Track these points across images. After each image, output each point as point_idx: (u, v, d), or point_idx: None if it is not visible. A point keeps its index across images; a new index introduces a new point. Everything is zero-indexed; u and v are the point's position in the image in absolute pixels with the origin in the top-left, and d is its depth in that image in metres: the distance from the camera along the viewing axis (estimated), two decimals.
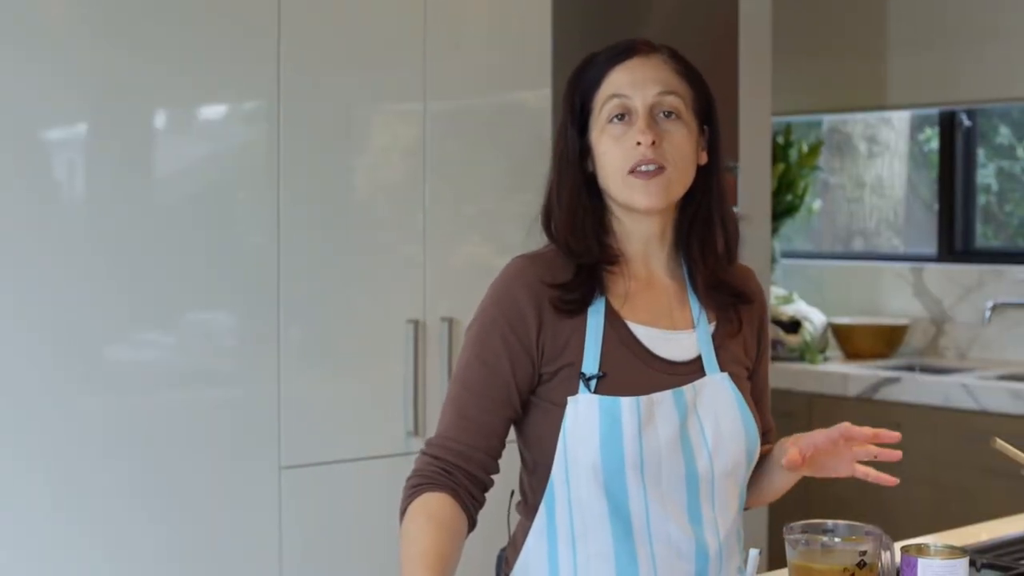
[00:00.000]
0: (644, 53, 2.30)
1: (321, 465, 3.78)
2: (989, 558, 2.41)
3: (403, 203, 3.94)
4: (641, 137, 2.23)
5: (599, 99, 2.28)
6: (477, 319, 2.33)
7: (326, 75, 3.78)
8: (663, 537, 2.24)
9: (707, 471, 2.26)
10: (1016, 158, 6.09)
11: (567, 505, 2.26)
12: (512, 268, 2.35)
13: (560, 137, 2.32)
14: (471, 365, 2.29)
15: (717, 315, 2.35)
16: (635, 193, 2.25)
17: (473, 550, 3.72)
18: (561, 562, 2.28)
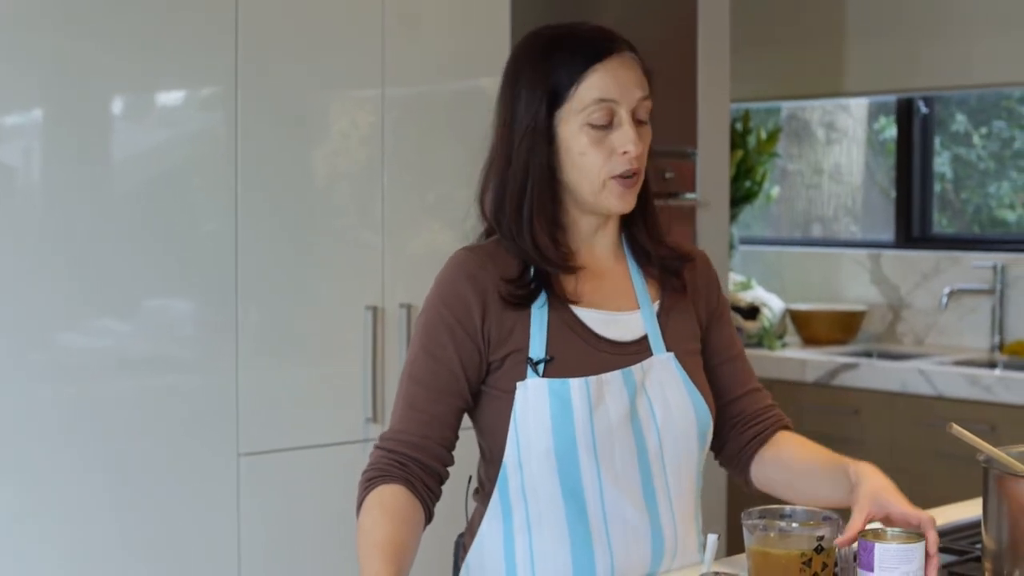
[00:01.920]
0: (619, 51, 2.26)
1: (279, 452, 3.77)
2: (945, 542, 2.42)
3: (361, 190, 3.93)
4: (631, 147, 2.22)
5: (579, 97, 2.22)
6: (423, 313, 2.34)
7: (284, 61, 3.77)
8: (618, 519, 2.25)
9: (656, 449, 2.27)
10: (972, 145, 6.12)
11: (521, 491, 2.26)
12: (454, 260, 2.35)
13: (524, 127, 2.25)
14: (419, 358, 2.29)
15: (661, 292, 2.37)
16: (612, 198, 2.25)
17: (431, 536, 3.73)
18: (517, 547, 2.29)
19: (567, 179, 2.26)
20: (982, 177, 6.10)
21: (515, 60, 2.31)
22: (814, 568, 1.91)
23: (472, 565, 2.36)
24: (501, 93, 2.31)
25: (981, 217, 6.11)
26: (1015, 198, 6.02)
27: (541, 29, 2.32)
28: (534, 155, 2.24)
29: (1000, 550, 2.10)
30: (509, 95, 2.29)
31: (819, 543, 1.91)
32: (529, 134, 2.24)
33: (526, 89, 2.25)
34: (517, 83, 2.27)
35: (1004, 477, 2.10)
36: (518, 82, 2.27)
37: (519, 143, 2.25)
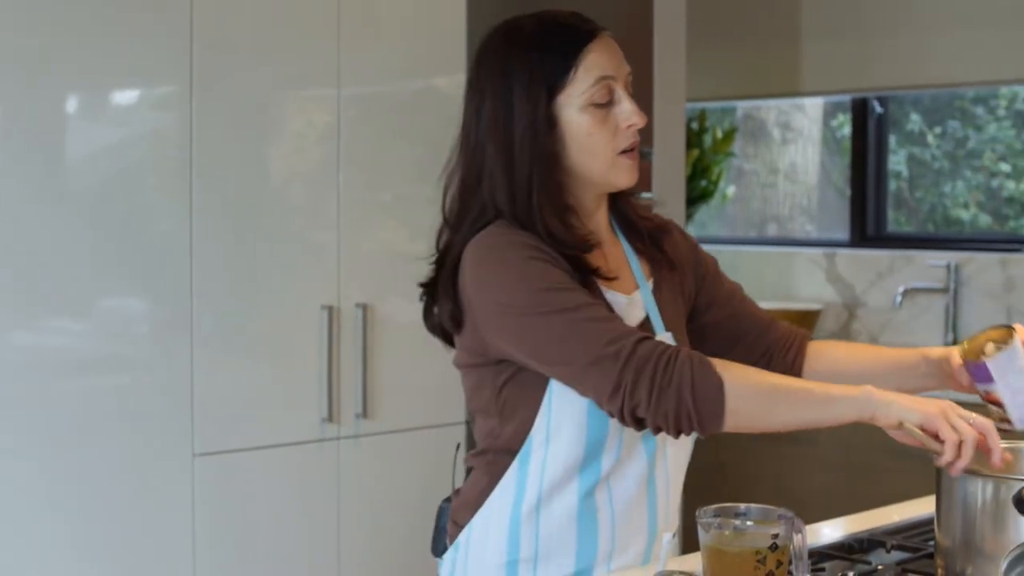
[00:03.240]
0: (601, 30, 2.29)
1: (235, 452, 3.76)
2: (899, 539, 2.43)
3: (317, 189, 3.92)
4: (636, 119, 2.25)
5: (579, 79, 2.23)
6: (519, 279, 2.18)
7: (239, 61, 3.75)
8: (623, 501, 2.29)
9: (662, 435, 2.28)
10: (927, 145, 6.16)
11: (541, 465, 2.25)
12: (509, 231, 2.24)
13: (526, 119, 2.23)
14: (555, 288, 2.16)
15: (652, 269, 2.40)
16: (622, 173, 2.28)
17: (409, 499, 3.73)
18: (524, 521, 2.28)
19: (573, 162, 2.27)
20: (936, 176, 6.14)
21: (497, 54, 2.29)
22: (768, 566, 1.92)
23: (475, 528, 2.33)
24: (484, 89, 2.29)
25: (936, 216, 6.15)
26: (969, 197, 6.06)
27: (514, 20, 2.32)
28: (538, 145, 2.23)
29: (953, 547, 2.11)
30: (498, 89, 2.26)
31: (774, 541, 1.92)
32: (531, 126, 2.23)
33: (519, 82, 2.24)
34: (506, 77, 2.25)
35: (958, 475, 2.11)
36: (508, 76, 2.25)
37: (521, 137, 2.23)
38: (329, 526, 3.96)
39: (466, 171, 2.32)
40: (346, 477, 3.98)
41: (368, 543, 4.05)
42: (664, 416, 2.05)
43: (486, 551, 2.32)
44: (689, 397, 2.04)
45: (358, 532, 4.03)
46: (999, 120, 5.97)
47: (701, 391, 2.04)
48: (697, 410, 2.04)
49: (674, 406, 2.04)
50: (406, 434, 4.12)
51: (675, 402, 2.04)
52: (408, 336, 4.13)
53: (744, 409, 2.06)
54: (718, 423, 2.06)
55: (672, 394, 2.04)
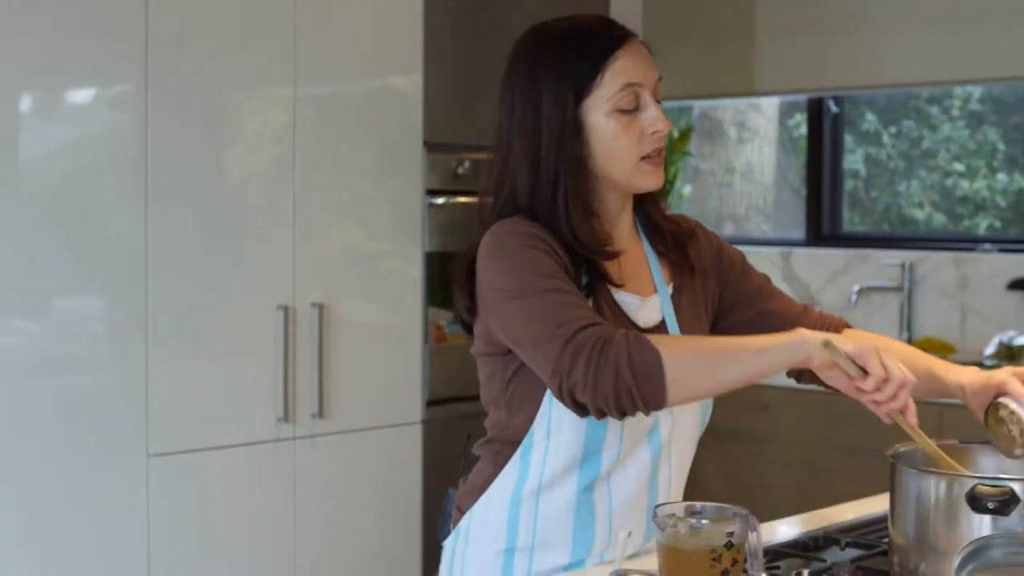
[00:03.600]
0: (631, 37, 2.32)
1: (190, 453, 3.75)
2: (854, 537, 2.44)
3: (273, 189, 3.91)
4: (661, 125, 2.29)
5: (606, 84, 2.26)
6: (511, 264, 2.21)
7: (195, 59, 3.74)
8: (622, 499, 2.31)
9: (668, 434, 2.33)
10: (882, 144, 6.19)
11: (543, 457, 2.28)
12: (519, 221, 2.27)
13: (554, 122, 2.26)
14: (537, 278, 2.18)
15: (673, 274, 2.42)
16: (646, 177, 2.32)
17: (367, 500, 3.72)
18: (523, 510, 2.31)
19: (598, 165, 2.30)
20: (892, 176, 6.17)
21: (528, 57, 2.32)
22: (724, 564, 1.92)
23: (476, 515, 2.35)
24: (514, 90, 2.32)
25: (891, 215, 6.18)
26: (924, 197, 6.09)
27: (544, 25, 2.35)
28: (565, 148, 2.27)
29: (907, 544, 2.12)
30: (527, 92, 2.30)
31: (729, 539, 1.92)
32: (559, 129, 2.27)
33: (548, 85, 2.27)
34: (536, 79, 2.29)
35: (909, 472, 2.12)
36: (538, 78, 2.29)
37: (548, 138, 2.27)
38: (285, 526, 3.95)
39: (496, 169, 2.36)
40: (302, 477, 3.97)
41: (324, 543, 4.05)
42: (604, 396, 2.05)
43: (485, 537, 2.34)
44: (627, 372, 2.03)
45: (314, 532, 4.02)
46: (953, 120, 6.01)
47: (639, 365, 2.04)
48: (638, 386, 2.04)
49: (612, 384, 2.04)
50: (362, 434, 4.12)
51: (613, 379, 2.04)
52: (364, 336, 4.13)
53: (685, 376, 2.06)
54: (660, 396, 2.05)
55: (609, 372, 2.04)
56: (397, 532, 4.23)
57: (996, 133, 5.89)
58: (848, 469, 4.93)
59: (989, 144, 5.91)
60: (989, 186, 5.89)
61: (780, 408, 5.23)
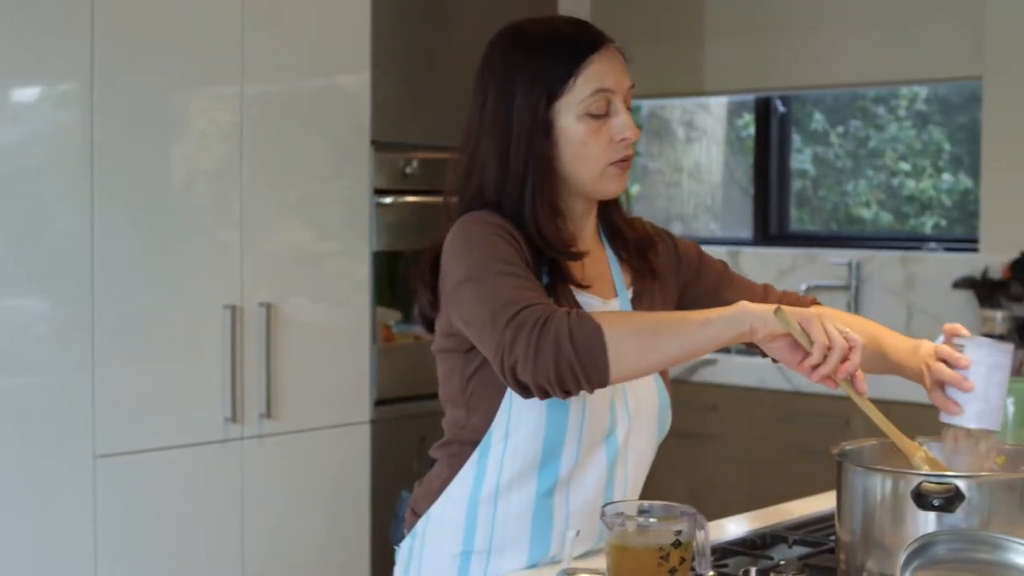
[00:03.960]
0: (607, 43, 2.33)
1: (137, 453, 3.73)
2: (801, 534, 2.45)
3: (220, 188, 3.90)
4: (629, 132, 2.29)
5: (578, 88, 2.26)
6: (471, 250, 2.20)
7: (141, 58, 3.72)
8: (580, 500, 2.31)
9: (624, 436, 2.33)
10: (830, 144, 6.22)
11: (500, 460, 2.28)
12: (487, 214, 2.27)
13: (525, 122, 2.27)
14: (494, 263, 2.17)
15: (634, 278, 2.43)
16: (611, 182, 2.32)
17: (315, 500, 3.71)
18: (481, 512, 2.30)
19: (565, 168, 2.30)
20: (839, 175, 6.20)
21: (502, 56, 2.32)
22: (672, 562, 1.92)
23: (432, 518, 2.34)
24: (488, 87, 2.32)
25: (838, 215, 6.21)
26: (871, 196, 6.13)
27: (520, 25, 2.35)
28: (534, 147, 2.27)
29: (853, 541, 2.13)
30: (500, 90, 2.29)
31: (677, 537, 1.92)
32: (529, 128, 2.27)
33: (521, 84, 2.28)
34: (509, 79, 2.29)
35: (856, 470, 2.13)
36: (511, 78, 2.29)
37: (518, 137, 2.27)
38: (233, 527, 3.94)
39: (464, 165, 2.35)
40: (250, 477, 3.95)
41: (272, 544, 4.03)
42: (545, 373, 2.02)
43: (442, 540, 2.34)
44: (569, 348, 2.01)
45: (262, 533, 4.00)
46: (899, 120, 6.05)
47: (580, 341, 2.01)
48: (580, 361, 2.01)
49: (553, 361, 2.01)
50: (310, 434, 4.11)
51: (554, 356, 2.01)
52: (312, 336, 4.12)
53: (627, 351, 2.03)
54: (603, 371, 2.02)
55: (550, 348, 2.01)
56: (346, 533, 4.22)
57: (942, 133, 5.93)
58: (795, 467, 4.95)
59: (935, 144, 5.95)
60: (935, 186, 5.93)
61: (728, 408, 5.24)
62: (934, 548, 1.84)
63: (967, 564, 1.86)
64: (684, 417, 5.17)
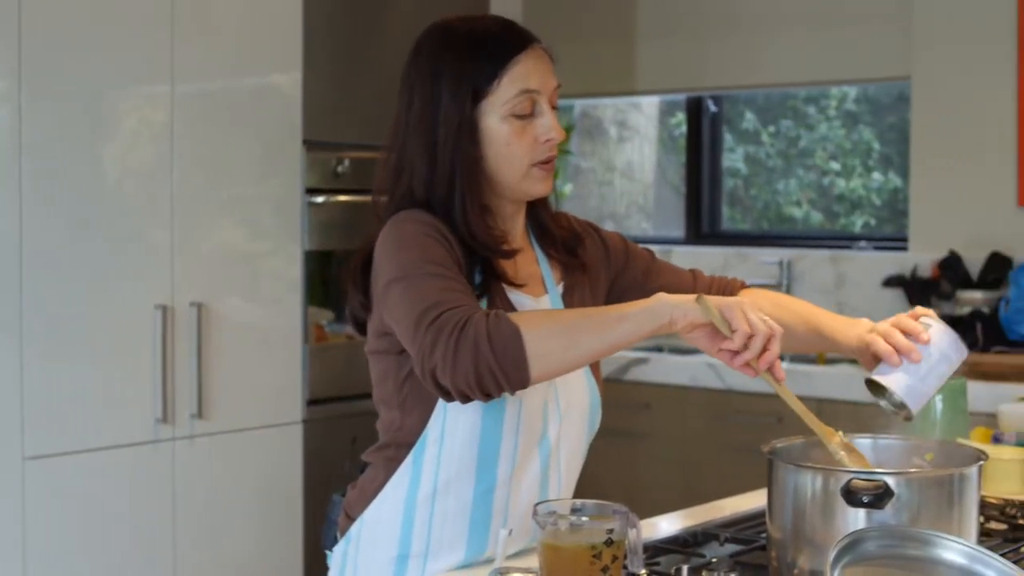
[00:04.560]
0: (533, 43, 2.33)
1: (67, 455, 3.70)
2: (733, 532, 2.46)
3: (151, 187, 3.87)
4: (554, 133, 2.30)
5: (503, 89, 2.27)
6: (402, 250, 2.19)
7: (70, 56, 3.69)
8: (517, 500, 2.32)
9: (556, 436, 2.34)
10: (761, 143, 6.25)
11: (436, 461, 2.27)
12: (419, 213, 2.26)
13: (452, 122, 2.26)
14: (422, 263, 2.16)
15: (564, 273, 2.44)
16: (536, 183, 2.33)
17: (247, 501, 3.69)
18: (418, 514, 2.30)
19: (490, 168, 2.30)
20: (770, 175, 6.24)
21: (428, 55, 2.31)
22: (604, 561, 1.93)
23: (367, 521, 2.33)
24: (414, 86, 2.31)
25: (769, 214, 6.24)
26: (801, 195, 6.17)
27: (447, 23, 2.34)
28: (461, 148, 2.27)
29: (784, 539, 2.14)
30: (426, 90, 2.29)
31: (609, 536, 1.93)
32: (455, 129, 2.27)
33: (447, 84, 2.27)
34: (435, 78, 2.29)
35: (786, 467, 2.15)
36: (437, 77, 2.28)
37: (444, 137, 2.27)
38: (164, 528, 3.91)
39: (393, 163, 2.34)
40: (181, 478, 3.93)
41: (205, 545, 4.01)
42: (464, 377, 2.02)
43: (377, 544, 2.33)
44: (487, 351, 2.01)
45: (194, 533, 3.98)
46: (830, 120, 6.09)
47: (498, 343, 2.01)
48: (499, 363, 2.01)
49: (472, 364, 2.01)
50: (242, 434, 4.09)
51: (472, 359, 2.01)
52: (244, 335, 4.10)
53: (547, 350, 2.03)
54: (523, 373, 2.02)
55: (468, 352, 2.01)
56: (279, 534, 4.20)
57: (871, 133, 5.98)
58: (727, 465, 4.98)
59: (864, 144, 5.99)
60: (865, 185, 5.98)
61: (661, 407, 5.26)
62: (864, 544, 1.86)
63: (896, 560, 1.88)
64: (617, 416, 5.20)
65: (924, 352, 2.26)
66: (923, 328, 2.29)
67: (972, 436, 3.13)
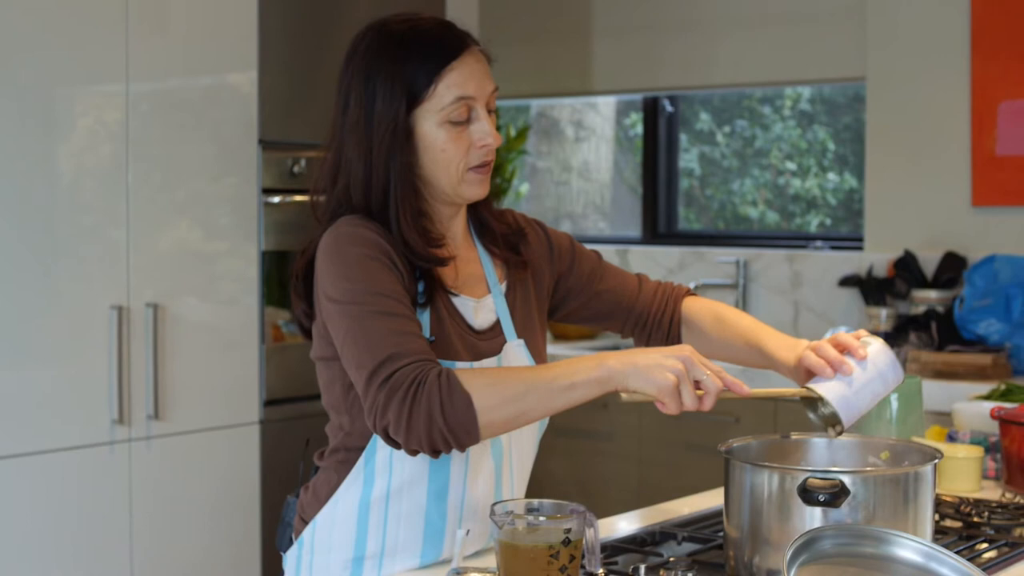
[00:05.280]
0: (470, 47, 2.30)
1: (20, 457, 3.67)
2: (690, 531, 2.47)
3: (106, 187, 3.85)
4: (490, 139, 2.29)
5: (438, 96, 2.25)
6: (347, 279, 2.19)
7: (23, 54, 3.67)
8: (472, 499, 2.32)
9: (508, 440, 2.36)
10: (716, 144, 6.27)
11: (388, 462, 2.27)
12: (356, 221, 2.26)
13: (384, 127, 2.25)
14: (370, 296, 2.17)
15: (507, 271, 2.44)
16: (472, 187, 2.31)
17: (205, 502, 3.68)
18: (372, 516, 2.30)
19: (426, 173, 2.29)
20: (726, 175, 6.26)
21: (364, 56, 2.29)
22: (562, 560, 1.93)
23: (320, 525, 2.32)
24: (349, 88, 2.30)
25: (725, 213, 6.27)
26: (757, 195, 6.19)
27: (384, 23, 2.32)
28: (395, 153, 2.26)
29: (741, 537, 2.15)
30: (361, 92, 2.27)
31: (566, 535, 1.93)
32: (390, 133, 2.25)
33: (382, 88, 2.26)
34: (370, 80, 2.27)
35: (743, 466, 2.16)
36: (372, 80, 2.27)
37: (379, 141, 2.26)
38: (121, 529, 3.90)
39: (330, 166, 2.33)
40: (138, 479, 3.91)
41: (161, 546, 4.00)
42: (417, 440, 2.08)
43: (331, 547, 2.33)
44: (440, 420, 2.06)
45: (151, 535, 3.96)
46: (784, 120, 6.11)
47: (452, 415, 2.06)
48: (451, 431, 2.07)
49: (426, 431, 2.07)
50: (199, 435, 4.08)
51: (426, 427, 2.06)
52: (200, 336, 4.09)
53: (496, 420, 2.09)
54: (474, 437, 2.09)
55: (422, 418, 2.06)
56: (236, 535, 4.19)
57: (826, 133, 6.01)
58: (684, 465, 4.99)
59: (819, 144, 6.02)
60: (820, 185, 6.01)
61: (618, 406, 5.27)
62: (820, 543, 1.87)
63: (852, 558, 1.89)
64: (574, 415, 5.20)
65: (859, 367, 2.26)
66: (861, 345, 2.29)
67: (927, 435, 3.15)
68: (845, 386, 2.23)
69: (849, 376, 2.23)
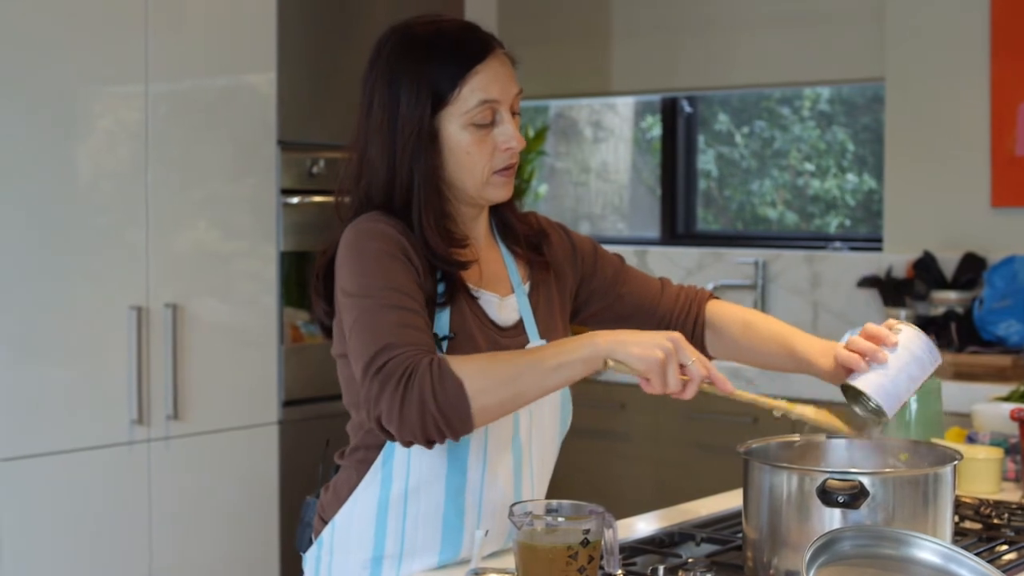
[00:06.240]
0: (494, 50, 2.30)
1: (40, 457, 3.68)
2: (708, 532, 2.47)
3: (126, 188, 3.86)
4: (515, 142, 2.29)
5: (463, 99, 2.25)
6: (365, 274, 2.20)
7: (43, 55, 3.68)
8: (491, 499, 2.32)
9: (527, 432, 2.35)
10: (735, 144, 6.26)
11: (406, 462, 2.27)
12: (378, 218, 2.26)
13: (409, 130, 2.25)
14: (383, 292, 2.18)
15: (530, 272, 2.44)
16: (497, 190, 2.32)
17: (223, 502, 3.69)
18: (391, 516, 2.30)
19: (450, 175, 2.30)
20: (744, 175, 6.25)
21: (388, 59, 2.29)
22: (580, 561, 1.93)
23: (339, 525, 2.33)
24: (373, 90, 2.30)
25: (744, 214, 6.26)
26: (776, 196, 6.18)
27: (408, 25, 2.32)
28: (419, 156, 2.26)
29: (760, 539, 2.15)
30: (385, 95, 2.28)
31: (585, 536, 1.93)
32: (415, 136, 2.25)
33: (406, 91, 2.26)
34: (395, 83, 2.27)
35: (762, 467, 2.15)
36: (396, 82, 2.27)
37: (403, 144, 2.26)
38: (140, 530, 3.90)
39: (354, 168, 2.34)
40: (157, 480, 3.92)
41: (180, 546, 4.00)
42: (410, 429, 2.08)
43: (350, 547, 2.33)
44: (433, 406, 2.06)
45: (170, 535, 3.97)
46: (803, 120, 6.10)
47: (444, 400, 2.06)
48: (444, 418, 2.06)
49: (418, 419, 2.06)
50: (218, 435, 4.08)
51: (419, 415, 2.06)
52: (219, 337, 4.09)
53: (489, 403, 2.09)
54: (467, 424, 2.08)
55: (414, 406, 2.06)
56: (255, 535, 4.20)
57: (845, 134, 5.99)
58: (703, 466, 4.99)
59: (838, 144, 6.01)
60: (839, 185, 6.00)
61: (636, 407, 5.26)
62: (839, 544, 1.87)
63: (871, 560, 1.89)
64: (592, 416, 5.22)
65: (893, 354, 2.26)
66: (891, 333, 2.29)
67: (947, 436, 3.14)
68: (881, 375, 2.24)
69: (884, 364, 2.24)
